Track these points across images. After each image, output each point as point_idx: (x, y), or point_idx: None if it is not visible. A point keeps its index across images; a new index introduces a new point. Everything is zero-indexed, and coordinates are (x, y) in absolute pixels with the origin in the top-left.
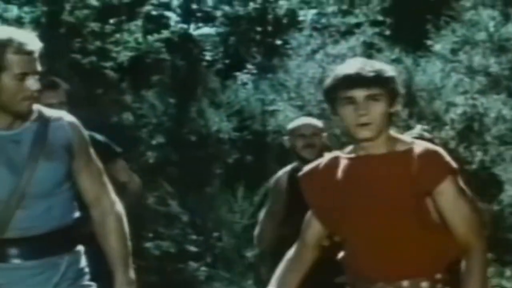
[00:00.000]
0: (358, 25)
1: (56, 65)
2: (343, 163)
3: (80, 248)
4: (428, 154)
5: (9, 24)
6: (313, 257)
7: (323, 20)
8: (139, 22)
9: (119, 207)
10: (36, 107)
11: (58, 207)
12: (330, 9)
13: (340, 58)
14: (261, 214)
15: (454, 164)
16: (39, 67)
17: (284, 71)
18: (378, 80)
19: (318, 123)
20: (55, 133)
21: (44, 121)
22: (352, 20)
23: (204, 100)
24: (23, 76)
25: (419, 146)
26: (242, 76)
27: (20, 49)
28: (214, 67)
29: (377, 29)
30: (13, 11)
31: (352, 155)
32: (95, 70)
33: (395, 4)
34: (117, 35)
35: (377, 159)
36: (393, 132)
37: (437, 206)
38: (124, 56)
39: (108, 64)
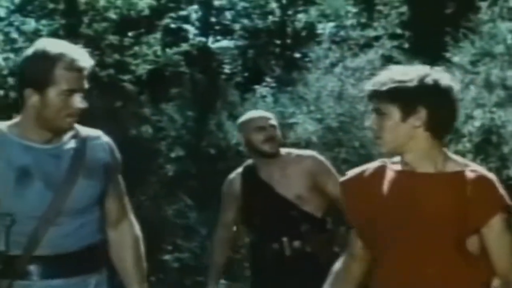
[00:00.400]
0: (377, 38)
1: None
2: (389, 174)
3: (105, 269)
4: (481, 184)
5: (27, 37)
6: (362, 270)
7: (342, 33)
8: (158, 35)
9: (137, 229)
10: None
11: (89, 226)
12: (349, 22)
13: (359, 71)
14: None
15: (507, 199)
16: (86, 85)
17: (303, 84)
18: (382, 95)
19: (270, 114)
20: (94, 151)
21: (82, 138)
22: (371, 33)
23: (223, 113)
24: (70, 93)
25: (473, 171)
26: (261, 89)
27: (71, 65)
28: (233, 80)
29: (395, 42)
30: (31, 24)
31: (399, 168)
32: (113, 83)
33: (413, 17)
34: (136, 48)
35: (422, 178)
36: (445, 149)
37: (481, 235)
38: (142, 69)
39: (127, 77)
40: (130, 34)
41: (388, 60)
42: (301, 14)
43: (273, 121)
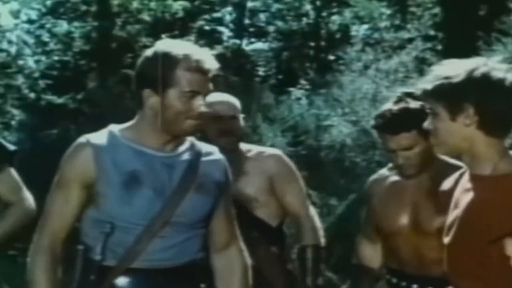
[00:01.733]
0: (410, 40)
1: (108, 81)
2: (463, 178)
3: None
4: None
5: (59, 39)
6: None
7: (376, 35)
8: (192, 37)
9: (247, 257)
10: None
11: (193, 242)
12: (383, 24)
13: (392, 73)
14: None
15: None
16: (211, 88)
17: (338, 86)
18: (428, 94)
19: (236, 102)
20: (208, 166)
21: (196, 152)
22: (404, 35)
23: (258, 115)
24: (192, 95)
25: None
26: (295, 92)
27: (194, 67)
28: (267, 83)
29: (429, 44)
30: (63, 26)
31: (465, 171)
32: None
33: (446, 18)
34: None
35: (475, 180)
36: (505, 147)
37: None
38: None
39: None
40: (164, 36)
41: (421, 62)
42: (335, 16)
43: (234, 111)
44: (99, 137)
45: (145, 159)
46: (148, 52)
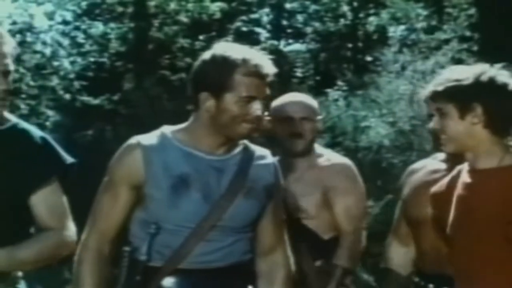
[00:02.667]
0: (446, 41)
1: (144, 82)
2: (462, 175)
3: None
4: None
5: (94, 41)
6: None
7: (413, 36)
8: (229, 38)
9: (291, 263)
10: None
11: (240, 244)
12: (419, 25)
13: (429, 74)
14: None
15: None
16: (268, 92)
17: (375, 88)
18: (440, 94)
19: (310, 103)
20: (258, 170)
21: (248, 155)
22: (441, 36)
23: None
24: (249, 100)
25: None
26: (333, 93)
27: (252, 72)
28: (305, 84)
29: (465, 45)
30: (98, 27)
31: (461, 169)
32: (185, 87)
33: (482, 19)
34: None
35: (479, 174)
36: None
37: None
38: None
39: None
40: (201, 37)
41: (457, 62)
42: (372, 17)
43: (306, 112)
44: (150, 138)
45: (194, 162)
46: (206, 55)
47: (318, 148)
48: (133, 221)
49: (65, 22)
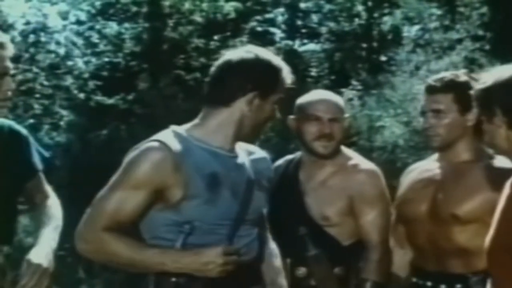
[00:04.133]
0: (459, 40)
1: (159, 82)
2: None
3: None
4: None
5: (109, 40)
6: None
7: (426, 36)
8: (244, 38)
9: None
10: None
11: (259, 238)
12: (432, 25)
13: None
14: None
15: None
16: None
17: (390, 87)
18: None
19: (338, 102)
20: (260, 164)
21: (245, 152)
22: (453, 35)
23: None
24: (278, 102)
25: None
26: (347, 92)
27: (289, 77)
28: (320, 83)
29: (477, 44)
30: (113, 27)
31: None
32: (199, 87)
33: (494, 17)
34: (222, 52)
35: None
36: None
37: None
38: None
39: None
40: (216, 37)
41: (471, 62)
42: (386, 17)
43: (334, 113)
44: (171, 141)
45: (221, 161)
46: (248, 56)
47: (345, 149)
48: (155, 225)
49: (79, 22)
